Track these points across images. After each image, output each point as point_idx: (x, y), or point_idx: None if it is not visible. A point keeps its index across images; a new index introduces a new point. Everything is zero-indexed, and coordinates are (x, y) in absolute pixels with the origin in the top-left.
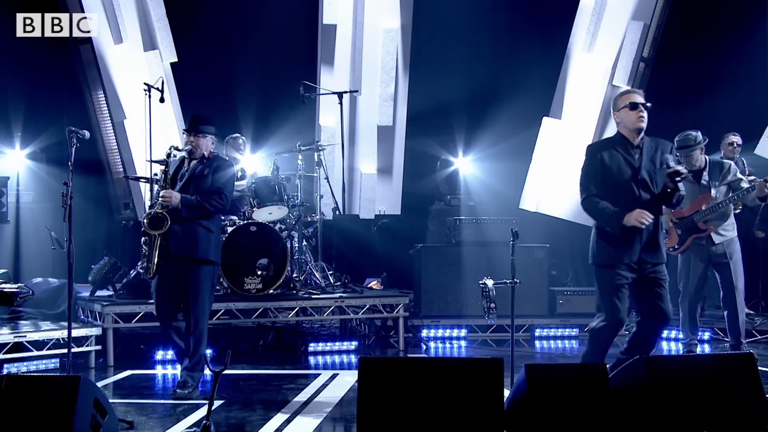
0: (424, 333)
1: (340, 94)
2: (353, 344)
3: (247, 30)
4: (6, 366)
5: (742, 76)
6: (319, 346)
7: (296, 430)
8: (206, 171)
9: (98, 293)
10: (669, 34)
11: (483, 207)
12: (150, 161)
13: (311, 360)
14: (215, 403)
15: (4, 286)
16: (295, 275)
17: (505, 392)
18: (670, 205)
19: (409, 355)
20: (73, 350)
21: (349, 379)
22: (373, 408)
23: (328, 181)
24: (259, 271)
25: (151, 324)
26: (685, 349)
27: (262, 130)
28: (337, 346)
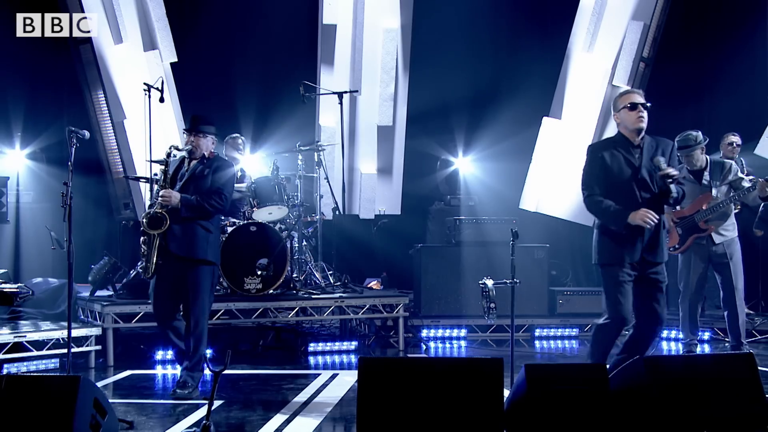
0: (424, 333)
1: (340, 94)
2: (353, 344)
3: (247, 30)
4: (6, 366)
5: (742, 76)
6: (319, 346)
7: (296, 430)
8: (206, 171)
9: (98, 293)
10: (669, 34)
11: (483, 207)
12: (150, 161)
13: (311, 360)
14: (215, 403)
15: (4, 286)
16: (295, 275)
17: (505, 392)
18: (668, 205)
19: (409, 355)
20: (73, 350)
21: (349, 379)
22: (373, 408)
23: (328, 181)
24: (259, 271)
25: (151, 324)
26: (685, 349)
27: (262, 130)
28: (337, 346)
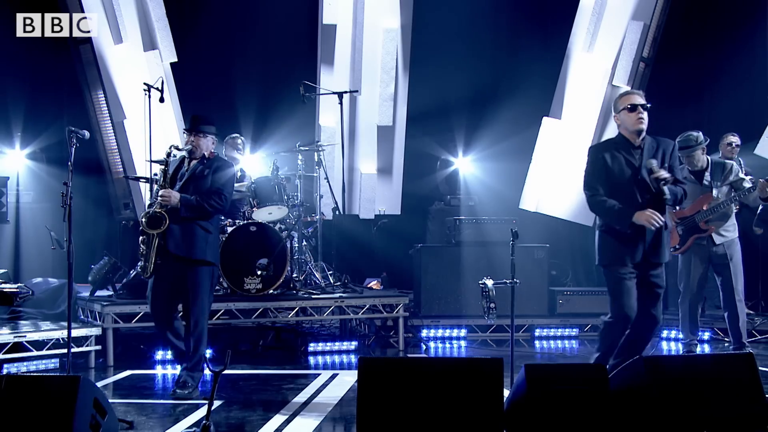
0: (424, 333)
1: (340, 94)
2: (353, 344)
3: (247, 30)
4: (6, 366)
5: (742, 76)
6: (319, 346)
7: (296, 430)
8: (206, 171)
9: (98, 293)
10: (669, 34)
11: (483, 207)
12: (150, 161)
13: (311, 360)
14: (215, 403)
15: (4, 286)
16: (295, 275)
17: (505, 392)
18: (668, 205)
19: (409, 355)
20: (73, 350)
21: (348, 379)
22: (373, 408)
23: (328, 181)
24: (259, 271)
25: (151, 324)
26: (685, 349)
27: (262, 130)
28: (337, 346)
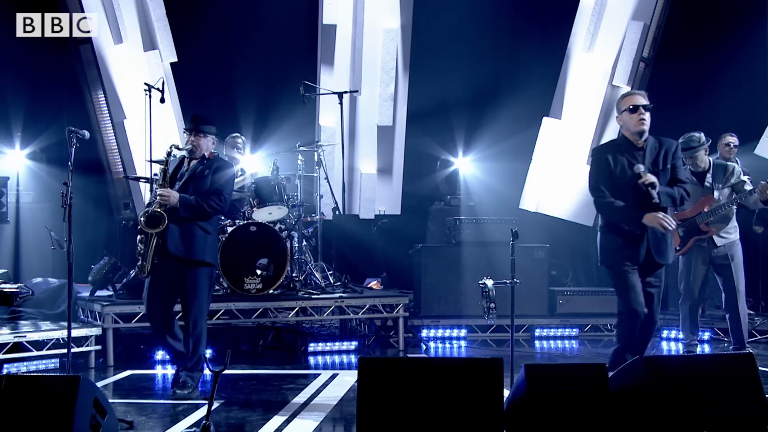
0: (424, 333)
1: (340, 94)
2: (353, 344)
3: (247, 30)
4: (6, 366)
5: (742, 76)
6: (319, 346)
7: (296, 430)
8: (206, 171)
9: (98, 293)
10: (669, 34)
11: (483, 207)
12: (150, 161)
13: (311, 360)
14: (215, 403)
15: (4, 286)
16: (295, 275)
17: (505, 392)
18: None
19: (409, 355)
20: (72, 350)
21: (349, 379)
22: (373, 408)
23: (328, 181)
24: (259, 271)
25: None
26: (685, 349)
27: (262, 130)
28: (337, 346)
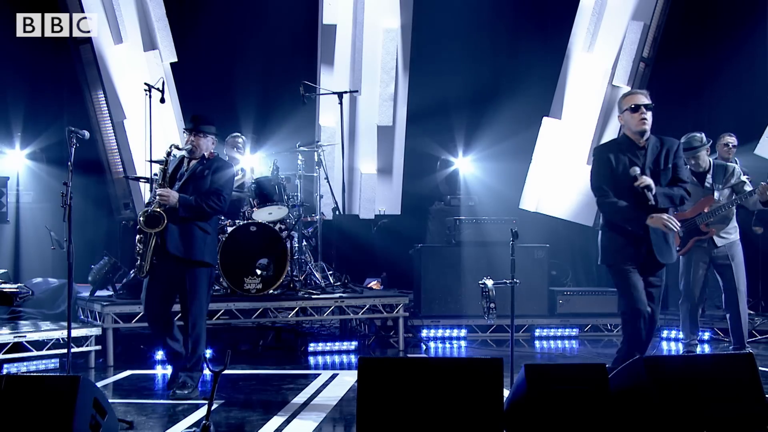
0: (424, 333)
1: (340, 94)
2: (353, 344)
3: (247, 30)
4: (6, 366)
5: (742, 76)
6: (319, 346)
7: (296, 430)
8: (206, 171)
9: (98, 293)
10: (669, 34)
11: (483, 207)
12: (150, 161)
13: (311, 360)
14: (215, 403)
15: (4, 286)
16: (295, 275)
17: (505, 392)
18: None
19: (409, 355)
20: (72, 350)
21: (348, 379)
22: (373, 408)
23: (328, 181)
24: (259, 271)
25: None
26: (685, 349)
27: (262, 130)
28: (337, 346)
